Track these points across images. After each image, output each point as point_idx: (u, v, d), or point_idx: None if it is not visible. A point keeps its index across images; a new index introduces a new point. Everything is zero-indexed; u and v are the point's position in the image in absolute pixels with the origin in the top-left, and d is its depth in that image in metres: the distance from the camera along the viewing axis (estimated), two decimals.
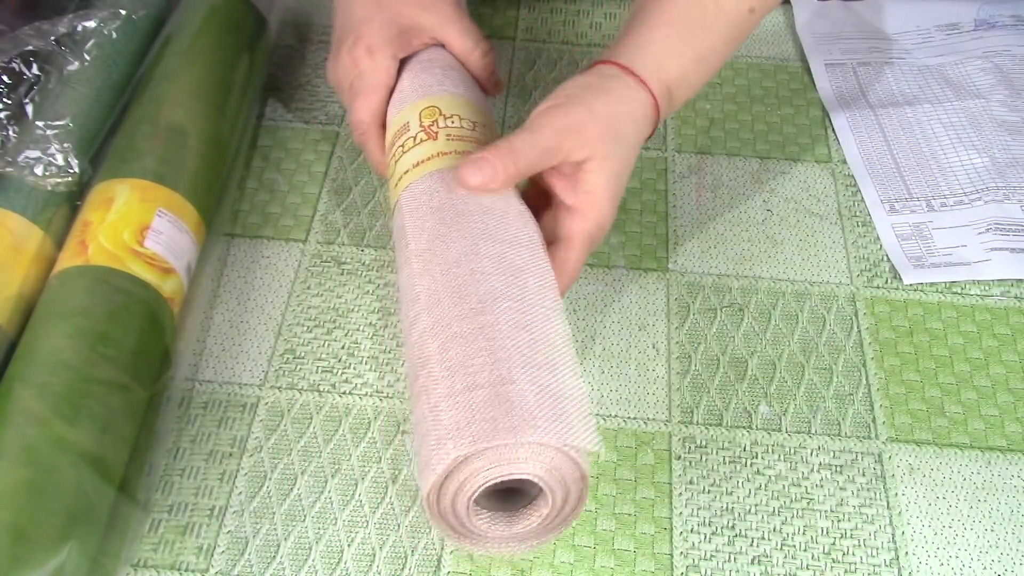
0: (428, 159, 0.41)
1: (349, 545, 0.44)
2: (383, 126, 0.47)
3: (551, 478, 0.32)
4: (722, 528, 0.45)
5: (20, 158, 0.49)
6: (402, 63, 0.48)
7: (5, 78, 0.51)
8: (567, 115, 0.41)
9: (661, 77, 0.44)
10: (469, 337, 0.34)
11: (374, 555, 0.44)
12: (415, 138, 0.42)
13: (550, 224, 0.43)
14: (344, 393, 0.49)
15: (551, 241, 0.42)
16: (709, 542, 0.45)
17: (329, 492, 0.46)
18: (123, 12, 0.55)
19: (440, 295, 0.36)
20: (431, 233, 0.38)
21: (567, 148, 0.41)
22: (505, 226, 0.39)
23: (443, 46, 0.49)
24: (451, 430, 0.32)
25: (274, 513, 0.45)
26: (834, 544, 0.45)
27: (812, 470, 0.47)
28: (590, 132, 0.41)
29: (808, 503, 0.46)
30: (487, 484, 0.32)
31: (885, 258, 0.55)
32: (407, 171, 0.42)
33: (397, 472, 0.46)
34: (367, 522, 0.45)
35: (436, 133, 0.42)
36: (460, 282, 0.36)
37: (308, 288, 0.54)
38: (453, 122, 0.42)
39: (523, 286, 0.36)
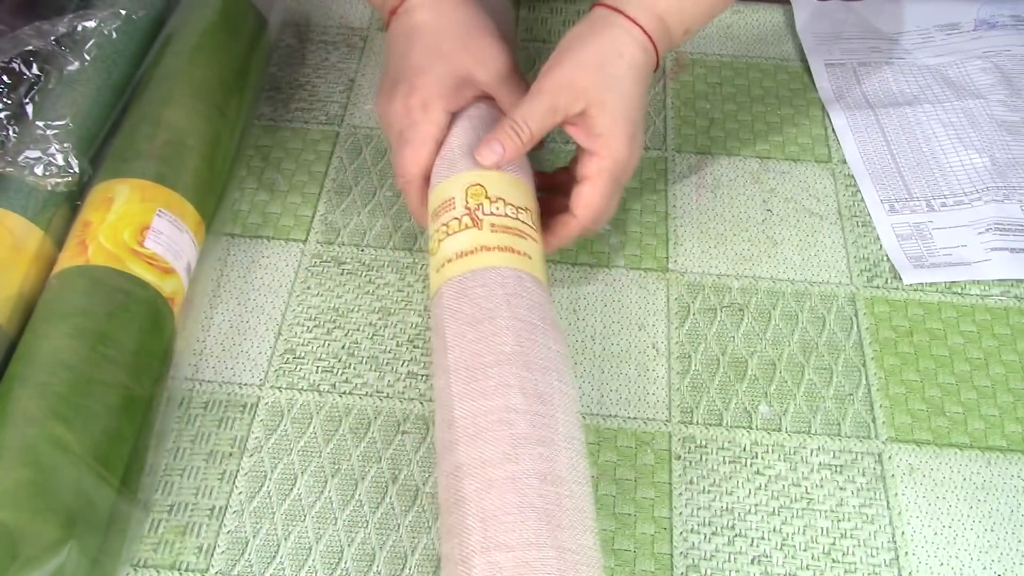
0: (472, 252, 0.43)
1: (349, 545, 0.44)
2: (427, 179, 0.48)
3: None
4: (722, 528, 0.45)
5: (20, 158, 0.49)
6: (453, 115, 0.49)
7: (5, 78, 0.51)
8: (558, 73, 0.45)
9: (651, 10, 0.47)
10: (502, 488, 0.37)
11: (374, 555, 0.44)
12: (460, 220, 0.44)
13: (577, 169, 0.47)
14: (344, 393, 0.49)
15: (579, 181, 0.47)
16: (709, 542, 0.45)
17: (329, 492, 0.46)
18: (123, 12, 0.55)
19: (475, 431, 0.39)
20: (470, 350, 0.41)
21: (564, 104, 0.45)
22: (536, 347, 0.41)
23: (493, 99, 0.49)
24: None
25: (274, 513, 0.45)
26: (834, 544, 0.45)
27: (812, 470, 0.47)
28: (580, 83, 0.45)
29: (808, 503, 0.46)
30: None
31: (885, 258, 0.55)
32: (450, 260, 0.44)
33: (397, 472, 0.46)
34: (367, 522, 0.45)
35: (480, 221, 0.44)
36: (496, 418, 0.39)
37: (308, 288, 0.54)
38: (497, 207, 0.45)
39: (553, 428, 0.39)
